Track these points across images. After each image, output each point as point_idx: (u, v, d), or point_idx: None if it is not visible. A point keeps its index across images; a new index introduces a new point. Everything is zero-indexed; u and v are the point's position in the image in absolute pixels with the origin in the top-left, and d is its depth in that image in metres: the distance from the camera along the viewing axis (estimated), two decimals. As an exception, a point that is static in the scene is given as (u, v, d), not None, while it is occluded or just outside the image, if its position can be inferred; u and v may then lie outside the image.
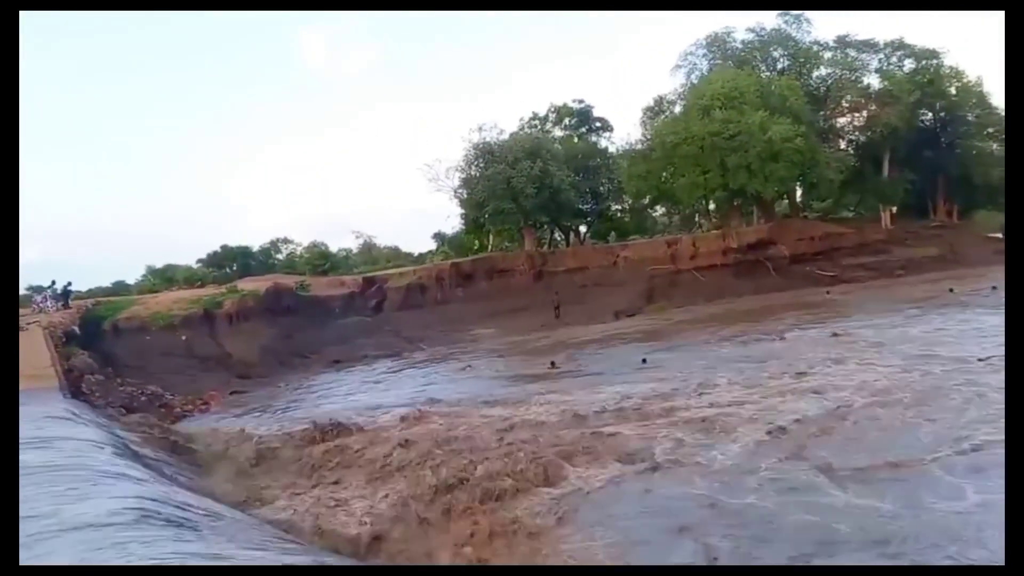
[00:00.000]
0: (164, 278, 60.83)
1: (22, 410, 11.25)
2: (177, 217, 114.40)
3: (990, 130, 46.87)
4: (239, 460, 13.22)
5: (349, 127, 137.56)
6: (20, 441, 8.48)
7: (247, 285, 37.72)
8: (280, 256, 71.64)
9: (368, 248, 71.78)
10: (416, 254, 71.42)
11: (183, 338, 30.05)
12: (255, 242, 71.90)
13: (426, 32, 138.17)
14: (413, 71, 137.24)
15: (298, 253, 71.50)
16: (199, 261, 67.32)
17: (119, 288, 60.79)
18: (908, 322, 21.78)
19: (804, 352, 18.30)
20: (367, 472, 11.47)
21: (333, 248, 70.81)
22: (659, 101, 49.86)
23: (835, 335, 20.61)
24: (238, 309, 32.96)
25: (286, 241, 74.89)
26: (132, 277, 67.38)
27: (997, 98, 46.79)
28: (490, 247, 52.15)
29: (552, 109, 55.24)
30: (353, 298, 40.55)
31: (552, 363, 21.98)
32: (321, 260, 64.17)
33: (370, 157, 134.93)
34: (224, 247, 68.30)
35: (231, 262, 65.49)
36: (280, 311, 34.96)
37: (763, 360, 17.86)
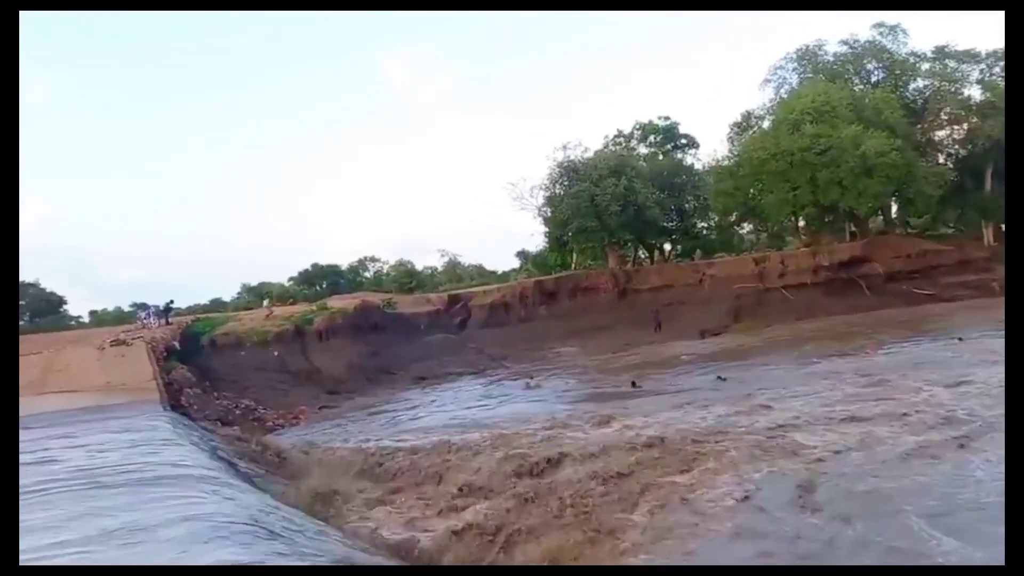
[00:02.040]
0: (258, 295, 62.99)
1: (127, 421, 11.92)
2: (269, 236, 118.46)
3: (1103, 142, 44.33)
4: (327, 473, 13.56)
5: (431, 147, 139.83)
6: (125, 448, 8.99)
7: (336, 303, 38.70)
8: (367, 274, 73.25)
9: (453, 266, 72.60)
10: (500, 272, 71.94)
11: (276, 354, 31.02)
12: (343, 260, 73.79)
13: (505, 53, 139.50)
14: (493, 91, 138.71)
15: (384, 271, 72.93)
16: (291, 279, 69.49)
17: (216, 305, 63.16)
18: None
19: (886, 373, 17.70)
20: (443, 490, 11.61)
21: (419, 266, 72.07)
22: (747, 116, 49.13)
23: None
24: (327, 326, 33.83)
25: (373, 259, 76.55)
26: (228, 294, 70.04)
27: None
28: (574, 265, 52.11)
29: (637, 126, 54.96)
30: (438, 315, 41.15)
31: (633, 383, 21.85)
32: (407, 278, 65.27)
33: (453, 176, 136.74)
34: (314, 265, 70.31)
35: (321, 280, 67.37)
36: (367, 328, 35.74)
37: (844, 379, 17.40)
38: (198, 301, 64.79)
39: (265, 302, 58.19)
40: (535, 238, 50.91)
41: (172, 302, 35.79)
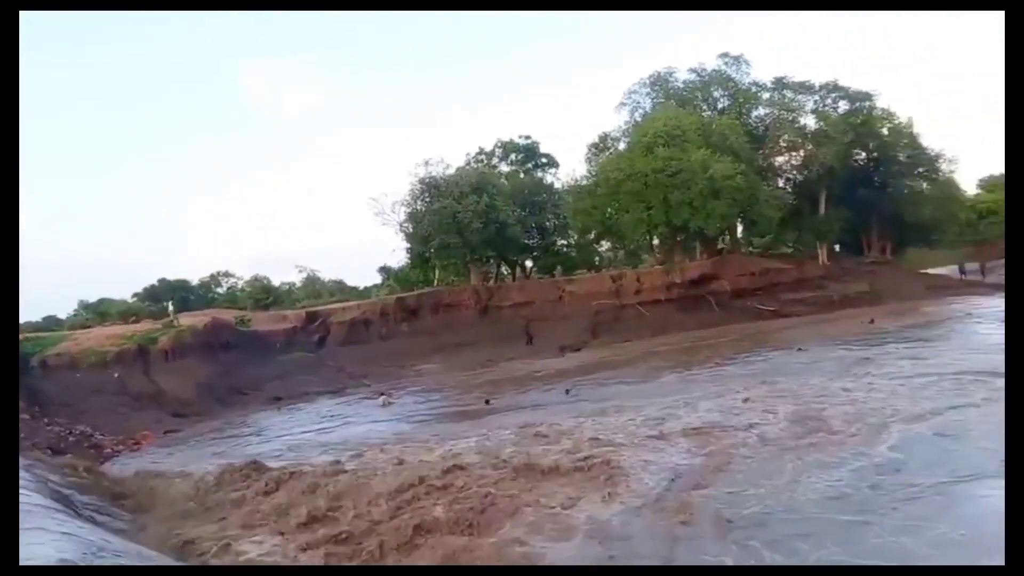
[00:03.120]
0: (98, 313, 59.06)
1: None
2: (111, 250, 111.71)
3: (920, 170, 48.76)
4: (169, 502, 12.81)
5: (293, 162, 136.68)
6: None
7: (185, 320, 36.81)
8: (220, 290, 70.42)
9: (312, 282, 70.86)
10: (361, 288, 70.92)
11: (115, 375, 29.10)
12: (194, 276, 70.57)
13: (370, 70, 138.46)
14: (357, 107, 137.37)
15: (239, 287, 70.30)
16: (135, 295, 65.72)
17: (49, 323, 58.80)
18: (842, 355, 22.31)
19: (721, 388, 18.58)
20: (286, 518, 11.15)
21: (276, 282, 69.87)
22: (604, 138, 50.67)
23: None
24: (174, 345, 32.07)
25: (227, 275, 73.73)
26: (64, 311, 65.40)
27: (926, 139, 48.78)
28: (436, 281, 51.99)
29: (498, 144, 55.63)
30: (295, 333, 39.95)
31: (487, 400, 22.12)
32: (263, 294, 63.10)
33: (314, 191, 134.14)
34: (161, 280, 66.89)
35: (168, 296, 63.94)
36: (219, 347, 34.14)
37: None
38: (29, 319, 60.09)
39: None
40: (397, 254, 50.52)
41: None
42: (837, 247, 50.59)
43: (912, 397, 14.76)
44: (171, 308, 41.35)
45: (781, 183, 48.59)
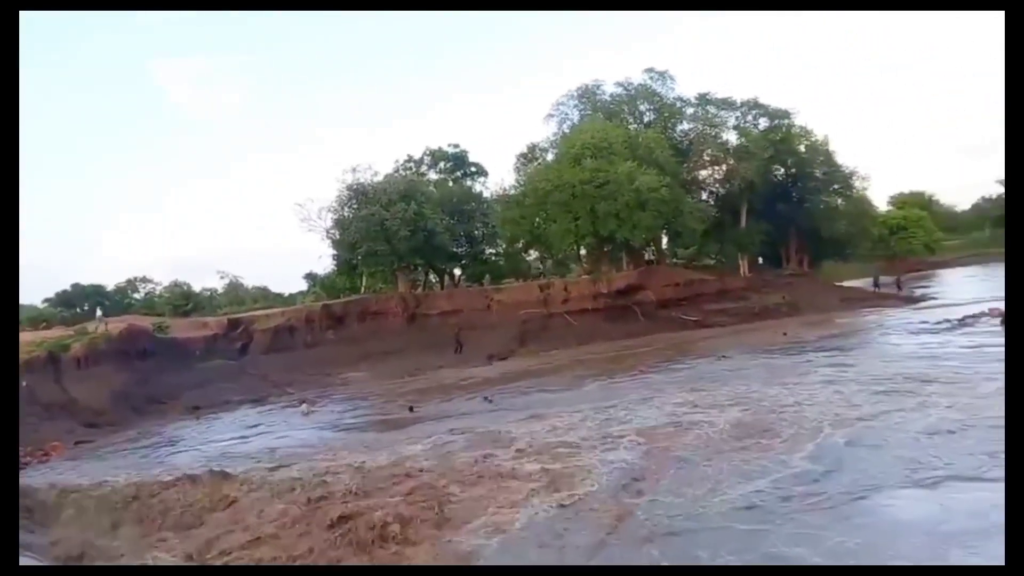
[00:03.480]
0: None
1: None
2: (22, 254, 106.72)
3: (836, 186, 50.83)
4: (77, 515, 12.33)
5: (217, 165, 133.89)
6: None
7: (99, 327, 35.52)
8: (138, 296, 68.25)
9: (234, 288, 69.30)
10: (286, 295, 69.79)
11: (23, 384, 27.82)
12: (110, 281, 68.25)
13: (295, 73, 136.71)
14: (281, 112, 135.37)
15: (158, 293, 68.25)
16: (46, 301, 63.17)
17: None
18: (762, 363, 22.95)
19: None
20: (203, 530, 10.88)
21: (196, 288, 68.08)
22: (532, 148, 51.10)
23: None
24: (87, 352, 30.93)
25: (145, 280, 71.53)
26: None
27: (841, 156, 50.83)
28: (363, 289, 51.45)
29: (427, 152, 55.58)
30: (216, 340, 38.93)
31: (411, 408, 22.00)
32: (183, 300, 61.41)
33: (237, 195, 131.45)
34: (75, 285, 64.47)
35: (83, 302, 61.80)
36: (135, 354, 33.03)
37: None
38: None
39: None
40: (323, 261, 49.85)
41: None
42: (759, 259, 52.12)
43: (832, 405, 15.19)
44: (99, 313, 39.95)
45: (704, 196, 49.83)
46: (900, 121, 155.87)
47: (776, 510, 9.34)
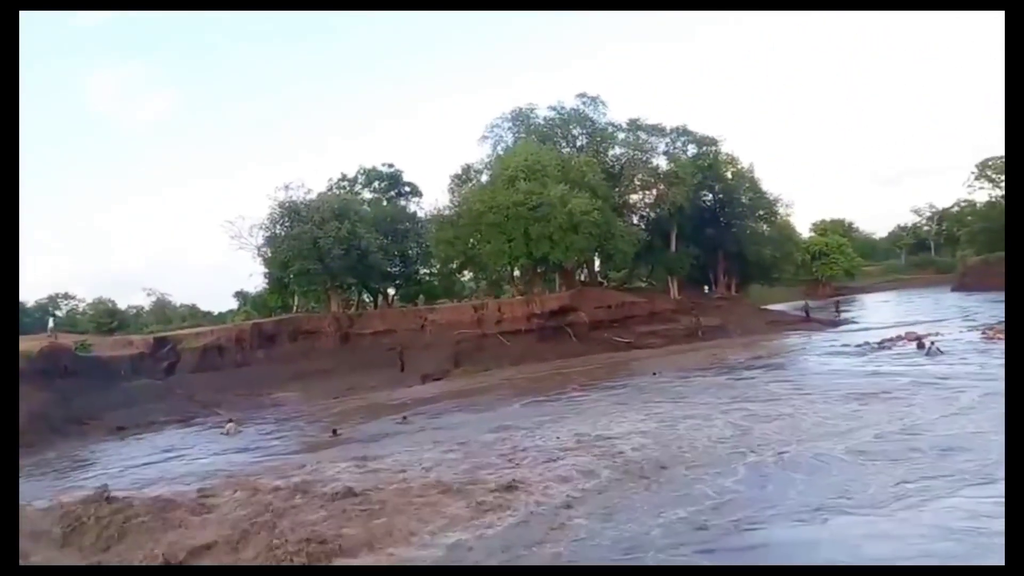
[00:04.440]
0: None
1: None
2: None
3: (761, 212, 52.50)
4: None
5: (144, 179, 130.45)
6: None
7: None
8: (59, 313, 65.79)
9: (162, 306, 67.49)
10: (216, 313, 68.35)
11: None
12: (30, 297, 65.74)
13: (228, 89, 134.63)
14: (214, 127, 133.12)
15: (81, 310, 66.04)
16: (-42, 318, 60.31)
17: None
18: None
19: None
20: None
21: (122, 305, 66.06)
22: (467, 169, 51.29)
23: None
24: (3, 371, 29.61)
25: (67, 297, 69.16)
26: None
27: (766, 183, 52.58)
28: (295, 308, 50.74)
29: (361, 171, 55.31)
30: (143, 359, 37.79)
31: (334, 431, 21.79)
32: (107, 318, 59.51)
33: (165, 210, 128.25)
34: (-10, 302, 61.71)
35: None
36: (56, 373, 31.80)
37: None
38: None
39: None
40: (255, 279, 48.89)
41: None
42: (684, 282, 53.28)
43: (765, 425, 15.67)
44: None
45: (636, 220, 50.96)
46: (819, 150, 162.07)
47: (690, 539, 9.49)
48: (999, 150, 61.50)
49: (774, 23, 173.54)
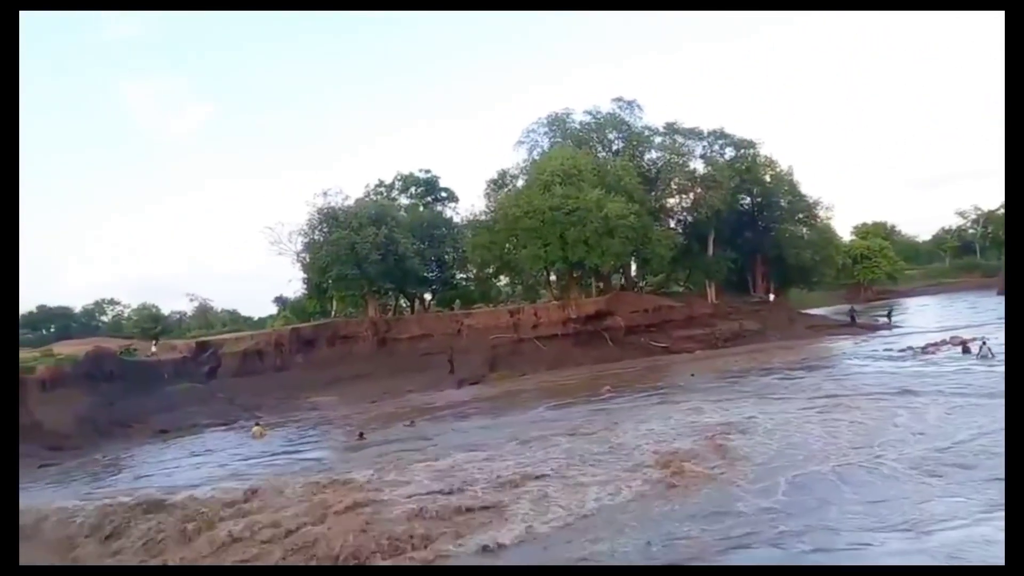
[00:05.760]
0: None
1: None
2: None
3: (800, 215, 51.80)
4: (38, 541, 12.21)
5: (185, 187, 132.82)
6: None
7: (65, 349, 35.15)
8: (105, 318, 67.40)
9: (203, 311, 68.73)
10: (256, 319, 69.37)
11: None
12: (77, 303, 67.41)
13: (267, 96, 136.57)
14: (252, 132, 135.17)
15: (126, 315, 67.50)
16: (10, 323, 62.05)
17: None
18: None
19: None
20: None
21: (165, 311, 67.38)
22: (502, 174, 51.33)
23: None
24: (53, 375, 30.53)
25: (113, 302, 70.79)
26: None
27: (806, 187, 51.90)
28: (333, 313, 51.27)
29: (398, 177, 55.80)
30: (185, 363, 38.59)
31: (361, 434, 21.93)
32: (151, 323, 60.70)
33: (207, 217, 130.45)
34: (41, 307, 63.57)
35: (48, 324, 60.89)
36: (102, 377, 32.65)
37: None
38: None
39: None
40: (293, 284, 49.56)
41: None
42: (722, 286, 52.77)
43: (812, 434, 15.39)
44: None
45: (672, 224, 50.60)
46: (861, 153, 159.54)
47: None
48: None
49: (812, 24, 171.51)
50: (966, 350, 26.72)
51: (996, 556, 7.12)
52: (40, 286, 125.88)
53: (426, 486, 13.08)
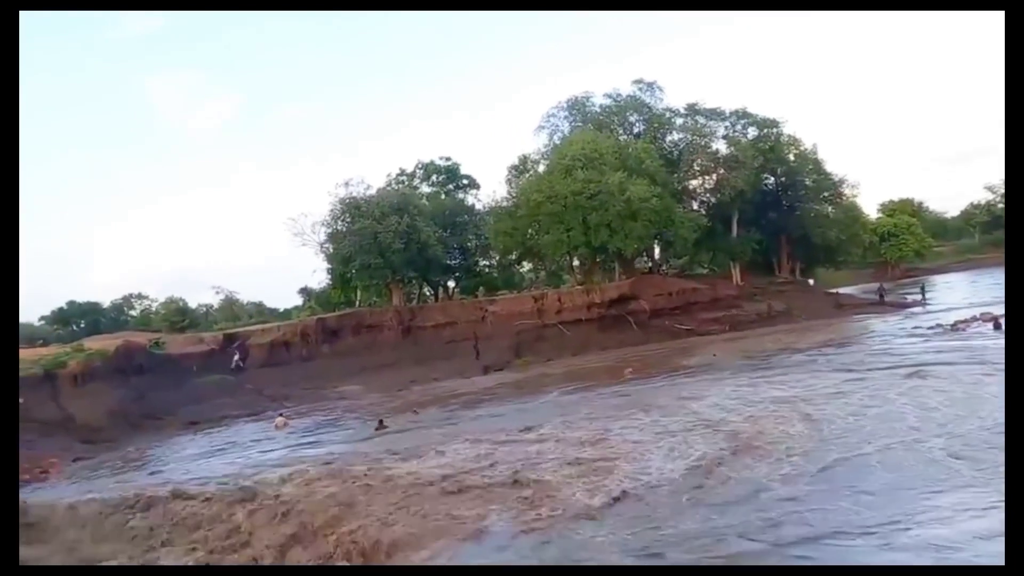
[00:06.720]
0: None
1: None
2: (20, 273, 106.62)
3: (825, 194, 51.17)
4: (75, 534, 12.38)
5: (209, 180, 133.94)
6: None
7: (95, 344, 35.53)
8: (133, 313, 68.27)
9: (230, 304, 69.33)
10: (281, 310, 69.90)
11: (20, 401, 27.82)
12: (105, 298, 68.37)
13: (289, 88, 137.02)
14: (274, 125, 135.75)
15: (153, 309, 68.33)
16: (42, 319, 63.16)
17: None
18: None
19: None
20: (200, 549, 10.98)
21: (192, 304, 68.20)
22: (523, 160, 51.30)
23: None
24: (84, 369, 30.90)
25: (140, 297, 71.72)
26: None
27: (830, 165, 51.25)
28: (358, 302, 51.52)
29: (419, 166, 55.84)
30: (213, 356, 38.92)
31: (381, 422, 21.82)
32: (178, 316, 61.51)
33: (231, 209, 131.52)
34: (71, 303, 64.51)
35: (78, 319, 61.84)
36: (131, 371, 33.01)
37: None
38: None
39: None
40: (318, 275, 49.83)
41: None
42: (747, 267, 52.39)
43: (851, 420, 14.69)
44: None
45: (696, 206, 50.18)
46: (886, 130, 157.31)
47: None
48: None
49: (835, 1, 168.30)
50: (997, 326, 26.26)
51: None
52: (69, 282, 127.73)
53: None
